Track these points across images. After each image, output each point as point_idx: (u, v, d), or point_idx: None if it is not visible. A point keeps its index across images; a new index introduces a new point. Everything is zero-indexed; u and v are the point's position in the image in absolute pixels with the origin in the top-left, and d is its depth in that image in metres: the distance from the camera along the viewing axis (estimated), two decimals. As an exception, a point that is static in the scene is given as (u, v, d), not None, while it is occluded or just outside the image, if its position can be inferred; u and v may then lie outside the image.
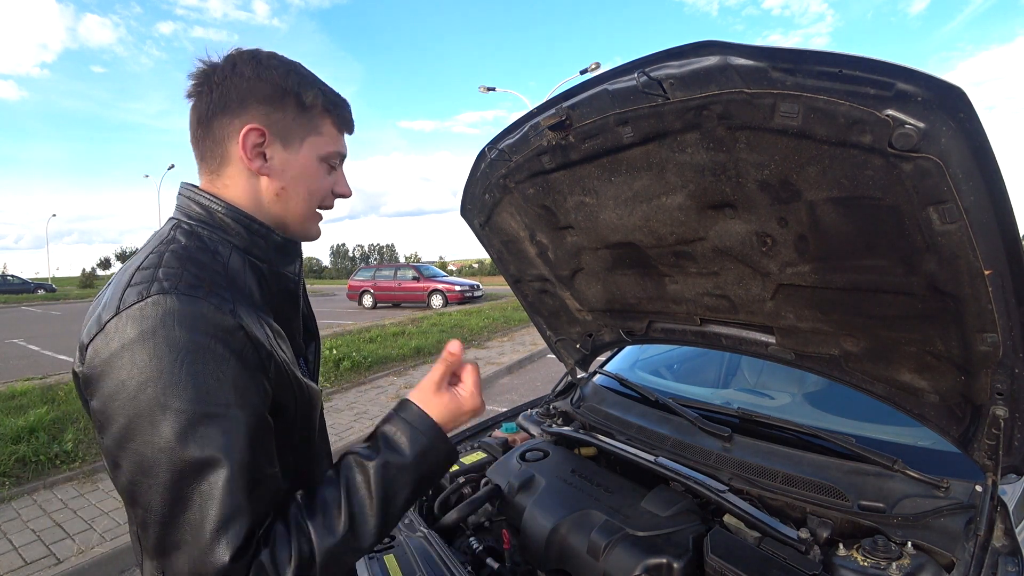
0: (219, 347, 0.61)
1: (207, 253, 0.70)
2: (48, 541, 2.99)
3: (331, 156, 0.80)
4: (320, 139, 0.78)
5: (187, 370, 0.58)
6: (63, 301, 25.81)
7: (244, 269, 0.73)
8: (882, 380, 1.14)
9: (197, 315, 0.61)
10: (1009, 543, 1.00)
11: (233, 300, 0.66)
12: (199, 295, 0.62)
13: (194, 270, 0.66)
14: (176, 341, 0.59)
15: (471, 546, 1.42)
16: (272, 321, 0.73)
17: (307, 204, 0.80)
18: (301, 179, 0.78)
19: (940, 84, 0.68)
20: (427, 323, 10.97)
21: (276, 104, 0.74)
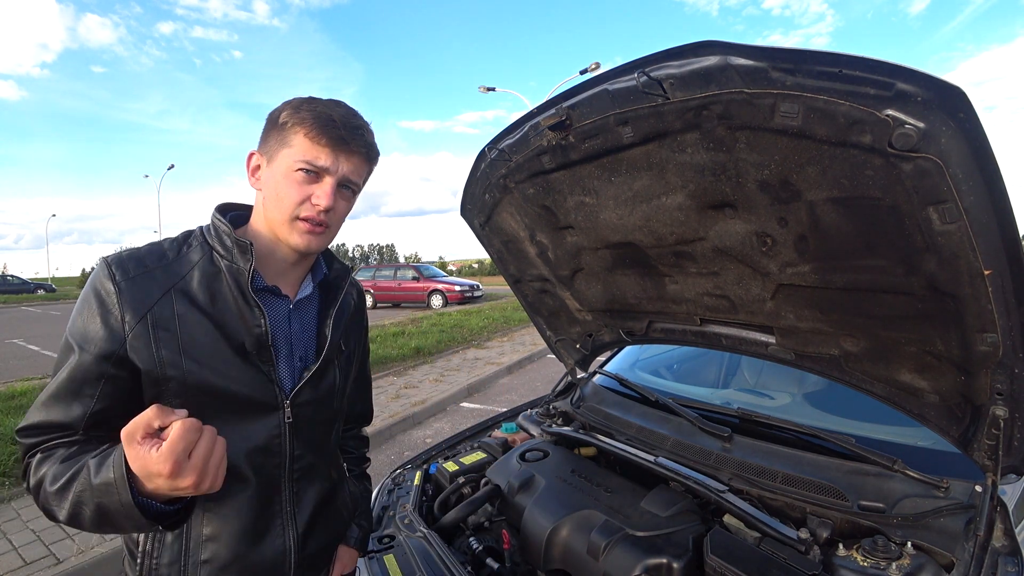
0: (94, 300, 0.80)
1: (176, 244, 0.89)
2: (48, 541, 2.99)
3: (299, 164, 0.85)
4: (289, 151, 0.85)
5: (76, 308, 0.83)
6: (63, 301, 25.80)
7: (199, 261, 0.87)
8: (882, 380, 1.14)
9: (97, 275, 0.82)
10: (1009, 543, 1.00)
11: (137, 274, 0.82)
12: (107, 264, 0.82)
13: (141, 251, 0.86)
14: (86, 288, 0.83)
15: (471, 546, 1.42)
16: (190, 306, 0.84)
17: (279, 209, 0.87)
18: (274, 188, 0.87)
19: (940, 84, 0.68)
20: (427, 323, 10.97)
21: (268, 131, 0.88)
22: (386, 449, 4.56)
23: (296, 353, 0.94)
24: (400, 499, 1.64)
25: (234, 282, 0.87)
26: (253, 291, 0.87)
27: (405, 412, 5.24)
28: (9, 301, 24.89)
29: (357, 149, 0.88)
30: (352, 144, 0.87)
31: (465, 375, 6.82)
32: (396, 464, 1.92)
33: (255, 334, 0.87)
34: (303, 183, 0.86)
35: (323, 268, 1.02)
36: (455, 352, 8.53)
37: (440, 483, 1.74)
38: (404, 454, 4.40)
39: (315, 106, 0.86)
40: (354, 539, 1.13)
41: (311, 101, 0.87)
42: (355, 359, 1.11)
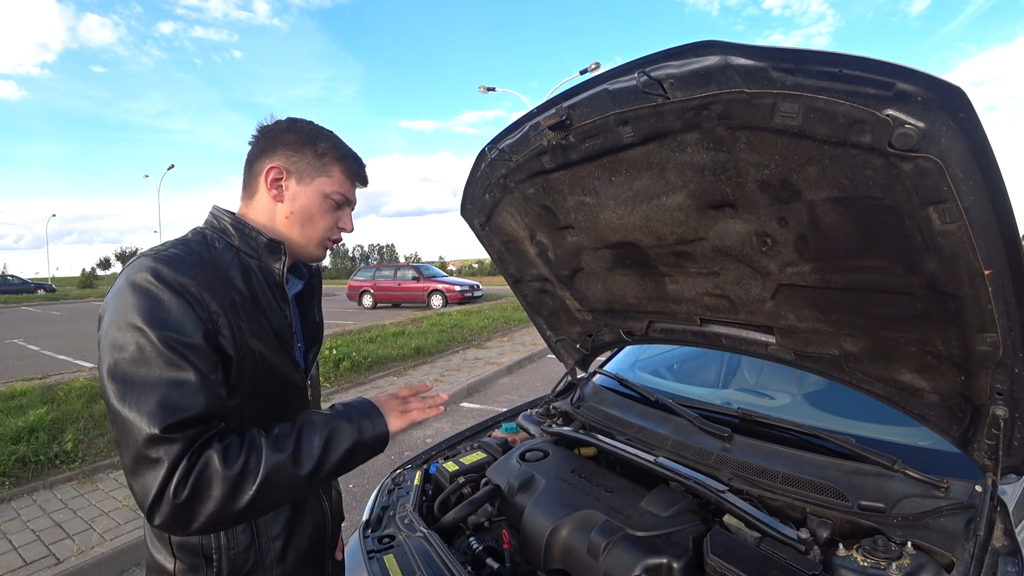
0: (173, 295, 0.80)
1: (202, 244, 0.91)
2: (48, 541, 2.99)
3: (334, 195, 0.99)
4: (328, 180, 0.98)
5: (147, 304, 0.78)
6: (63, 301, 25.81)
7: (232, 261, 0.92)
8: (882, 380, 1.14)
9: (163, 270, 0.81)
10: (1009, 543, 1.00)
11: (199, 270, 0.84)
12: (169, 262, 0.83)
13: (177, 250, 0.86)
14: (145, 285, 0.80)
15: (471, 546, 1.42)
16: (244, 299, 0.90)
17: (311, 230, 0.99)
18: (306, 208, 0.98)
19: (940, 84, 0.68)
20: (427, 323, 10.97)
21: (296, 149, 0.97)
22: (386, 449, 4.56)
23: (296, 338, 1.06)
24: (400, 499, 1.64)
25: (263, 278, 0.95)
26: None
27: (405, 412, 5.23)
28: (9, 301, 24.89)
29: (366, 186, 1.07)
30: (366, 183, 1.07)
31: (465, 375, 6.82)
32: (396, 464, 1.92)
33: (283, 324, 0.97)
34: (333, 210, 1.00)
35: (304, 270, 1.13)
36: (455, 352, 8.53)
37: (440, 483, 1.74)
38: (404, 454, 4.40)
39: (346, 147, 1.02)
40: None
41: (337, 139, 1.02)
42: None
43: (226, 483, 0.75)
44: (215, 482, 0.75)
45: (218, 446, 0.77)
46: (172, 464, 0.73)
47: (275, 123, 1.00)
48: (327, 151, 0.98)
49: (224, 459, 0.76)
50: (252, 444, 0.80)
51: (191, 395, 0.77)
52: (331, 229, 1.02)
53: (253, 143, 1.00)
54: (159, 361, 0.76)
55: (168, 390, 0.76)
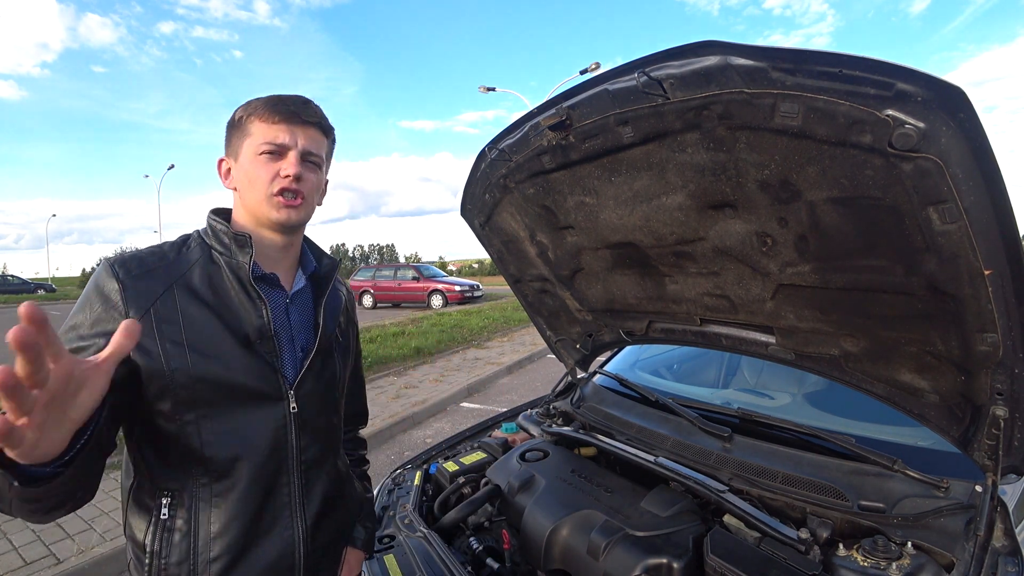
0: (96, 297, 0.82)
1: (176, 246, 0.93)
2: (48, 541, 2.99)
3: (262, 147, 0.91)
4: (250, 139, 0.92)
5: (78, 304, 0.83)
6: (63, 301, 25.78)
7: (199, 258, 0.91)
8: (882, 380, 1.14)
9: (100, 274, 0.84)
10: (1009, 543, 1.00)
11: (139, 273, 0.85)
12: (108, 263, 0.85)
13: (143, 252, 0.89)
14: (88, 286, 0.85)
15: (471, 546, 1.42)
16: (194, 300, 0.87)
17: (254, 192, 0.92)
18: (245, 176, 0.93)
19: (940, 84, 0.68)
20: (427, 323, 10.96)
21: (229, 134, 0.95)
22: (386, 449, 4.56)
23: (297, 344, 0.96)
24: (400, 499, 1.64)
25: (234, 276, 0.91)
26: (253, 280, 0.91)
27: (405, 412, 5.24)
28: (9, 301, 24.87)
29: (310, 120, 0.94)
30: (304, 115, 0.93)
31: (465, 375, 6.82)
32: (396, 464, 1.92)
33: (257, 325, 0.90)
34: (269, 162, 0.91)
35: (312, 261, 1.05)
36: (455, 352, 8.53)
37: (440, 483, 1.74)
38: (404, 454, 4.40)
39: (263, 98, 0.94)
40: (360, 541, 1.13)
41: (259, 98, 0.95)
42: (351, 353, 1.13)
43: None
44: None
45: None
46: None
47: None
48: (241, 114, 0.93)
49: None
50: None
51: None
52: (271, 181, 0.92)
53: None
54: None
55: None
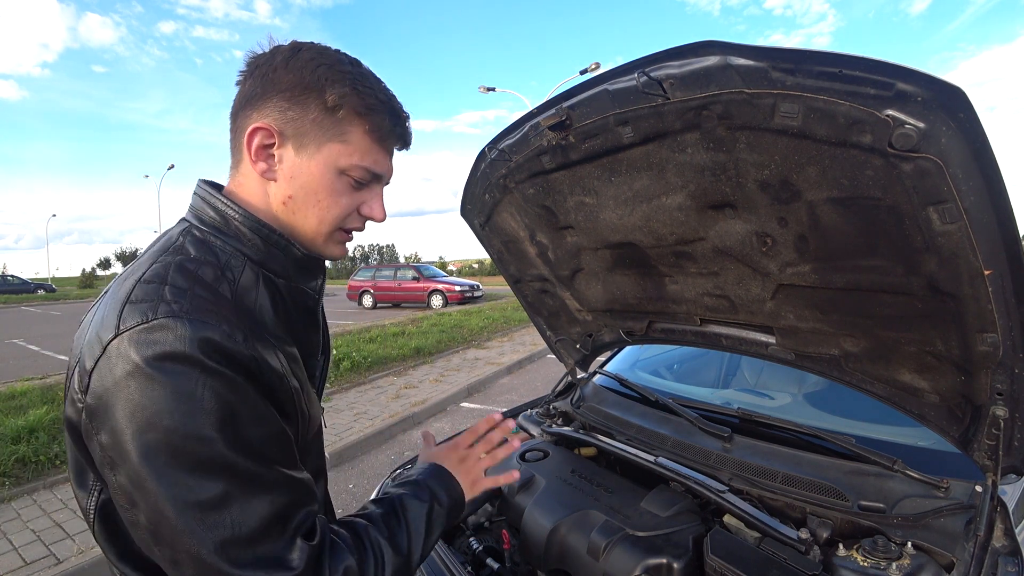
0: (237, 376, 0.58)
1: (216, 270, 0.65)
2: (48, 541, 2.99)
3: (354, 169, 0.69)
4: (342, 147, 0.67)
5: (207, 399, 0.55)
6: (63, 301, 25.80)
7: (257, 286, 0.68)
8: (882, 380, 1.14)
9: (211, 343, 0.56)
10: (1009, 543, 1.00)
11: (242, 326, 0.61)
12: (211, 320, 0.58)
13: (200, 292, 0.61)
14: (191, 370, 0.55)
15: (471, 546, 1.42)
16: (286, 345, 0.68)
17: (318, 220, 0.71)
18: (311, 190, 0.69)
19: (940, 84, 0.68)
20: (427, 323, 10.96)
21: (296, 100, 0.66)
22: (386, 449, 4.56)
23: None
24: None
25: (294, 304, 0.73)
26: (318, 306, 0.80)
27: (405, 412, 5.24)
28: (9, 301, 24.89)
29: (409, 147, 0.76)
30: (408, 144, 0.75)
31: (465, 375, 6.82)
32: (396, 464, 1.92)
33: (312, 353, 0.79)
34: (353, 190, 0.71)
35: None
36: (455, 352, 8.53)
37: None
38: (404, 454, 4.40)
39: (372, 88, 0.68)
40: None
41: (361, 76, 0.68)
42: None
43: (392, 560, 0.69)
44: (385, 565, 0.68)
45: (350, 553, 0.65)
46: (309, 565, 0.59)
47: (272, 55, 0.67)
48: (342, 101, 0.65)
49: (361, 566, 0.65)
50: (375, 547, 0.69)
51: (291, 497, 0.61)
52: (348, 217, 0.72)
53: (242, 83, 0.69)
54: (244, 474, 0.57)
55: (261, 501, 0.57)
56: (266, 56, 0.68)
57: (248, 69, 0.68)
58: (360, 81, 0.67)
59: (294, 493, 0.61)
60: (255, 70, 0.67)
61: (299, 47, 0.67)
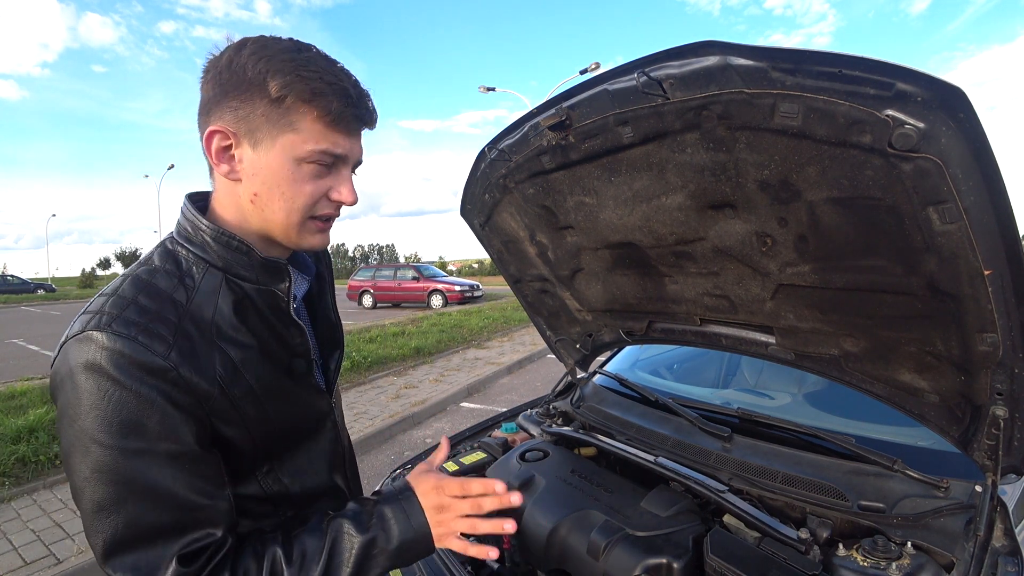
0: (143, 388, 0.62)
1: (174, 279, 0.70)
2: (48, 541, 2.99)
3: (311, 155, 0.69)
4: (295, 136, 0.67)
5: (112, 408, 0.61)
6: (63, 301, 25.80)
7: (219, 291, 0.71)
8: (882, 380, 1.14)
9: (124, 353, 0.61)
10: (1009, 543, 1.00)
11: (175, 336, 0.65)
12: (131, 333, 0.62)
13: (143, 302, 0.66)
14: (103, 379, 0.61)
15: (471, 546, 1.42)
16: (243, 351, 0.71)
17: (286, 212, 0.71)
18: (273, 183, 0.69)
19: (940, 84, 0.68)
20: (427, 323, 10.97)
21: (243, 98, 0.66)
22: (386, 449, 4.56)
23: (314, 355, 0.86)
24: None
25: (266, 305, 0.75)
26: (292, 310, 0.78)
27: (405, 412, 5.24)
28: (9, 301, 24.89)
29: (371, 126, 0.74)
30: (370, 123, 0.73)
31: (465, 375, 6.82)
32: (396, 464, 1.92)
33: (299, 353, 0.80)
34: (317, 177, 0.71)
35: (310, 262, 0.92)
36: (455, 352, 8.53)
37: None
38: (404, 454, 4.40)
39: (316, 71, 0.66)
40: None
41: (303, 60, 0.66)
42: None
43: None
44: None
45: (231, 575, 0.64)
46: None
47: (220, 56, 0.67)
48: (285, 90, 0.65)
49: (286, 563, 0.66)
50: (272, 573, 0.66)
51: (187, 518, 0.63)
52: (317, 204, 0.72)
53: (201, 87, 0.69)
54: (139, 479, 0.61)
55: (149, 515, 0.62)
56: (215, 58, 0.68)
57: (203, 74, 0.69)
58: (303, 67, 0.66)
59: (191, 516, 0.64)
60: (208, 74, 0.68)
61: (243, 43, 0.67)
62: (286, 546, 0.69)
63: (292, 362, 0.79)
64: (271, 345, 0.75)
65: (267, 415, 0.73)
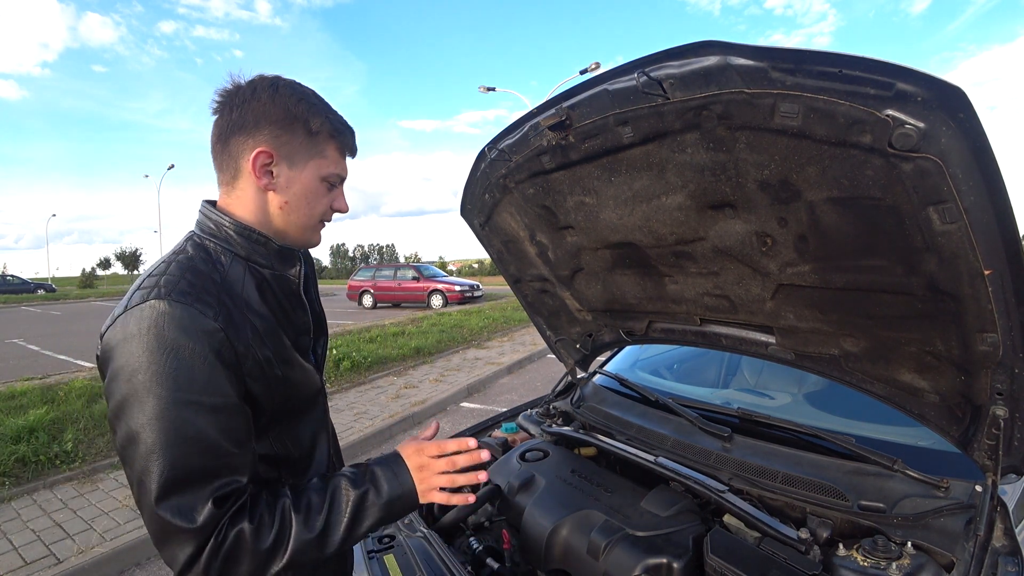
0: (197, 346, 0.74)
1: (209, 263, 0.84)
2: (48, 541, 2.99)
3: (331, 176, 0.91)
4: (323, 161, 0.89)
5: (169, 363, 0.72)
6: (63, 301, 25.81)
7: (244, 276, 0.86)
8: (882, 380, 1.14)
9: (183, 318, 0.74)
10: (1009, 543, 1.00)
11: (219, 305, 0.78)
12: (187, 301, 0.75)
13: (191, 278, 0.79)
14: (164, 338, 0.72)
15: (471, 546, 1.42)
16: (265, 322, 0.86)
17: (307, 217, 0.91)
18: (303, 195, 0.89)
19: (940, 84, 0.68)
20: (427, 323, 10.97)
21: (286, 128, 0.85)
22: (386, 449, 4.56)
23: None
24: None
25: (280, 288, 0.91)
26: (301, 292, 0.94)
27: (405, 412, 5.24)
28: (9, 301, 24.90)
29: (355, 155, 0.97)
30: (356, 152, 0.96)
31: (465, 375, 6.82)
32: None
33: (304, 331, 0.96)
34: (329, 191, 0.92)
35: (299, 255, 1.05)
36: (455, 352, 8.53)
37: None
38: (404, 454, 4.40)
39: (336, 115, 0.91)
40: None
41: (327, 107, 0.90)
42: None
43: (256, 558, 0.75)
44: (245, 557, 0.74)
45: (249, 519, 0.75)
46: (202, 540, 0.71)
47: (252, 90, 0.84)
48: (321, 128, 0.87)
49: (256, 534, 0.74)
50: (283, 519, 0.77)
51: (221, 464, 0.74)
52: (326, 211, 0.94)
53: (222, 112, 0.85)
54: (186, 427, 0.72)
55: (194, 459, 0.72)
56: (245, 91, 0.85)
57: (225, 102, 0.85)
58: (328, 111, 0.89)
59: (224, 462, 0.75)
60: (238, 103, 0.84)
61: (276, 83, 0.86)
62: (295, 498, 0.80)
63: (298, 339, 0.94)
64: (283, 322, 0.90)
65: (282, 379, 0.87)
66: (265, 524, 0.76)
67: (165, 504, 0.71)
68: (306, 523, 0.78)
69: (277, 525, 0.76)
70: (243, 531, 0.74)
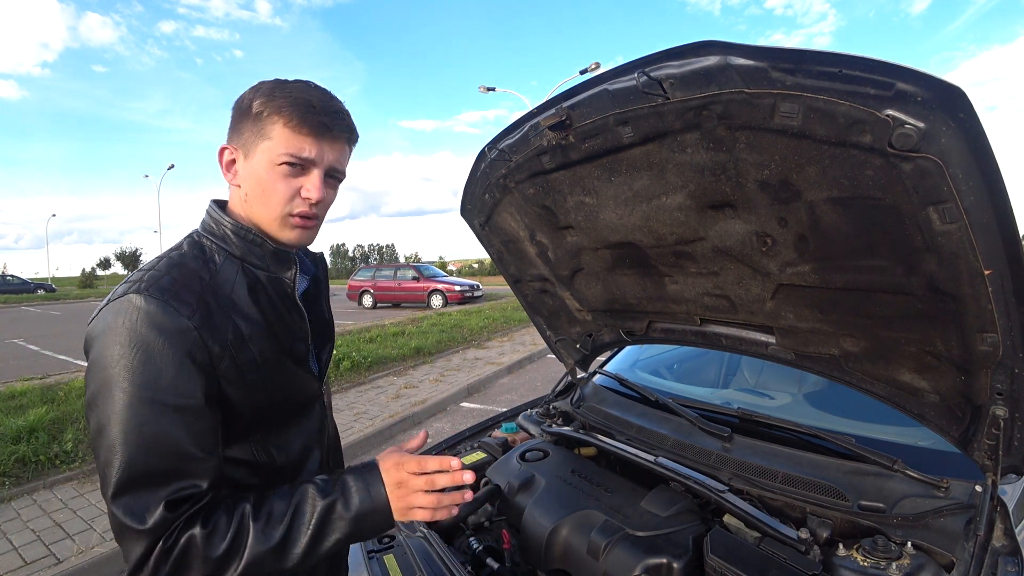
0: (168, 344, 0.73)
1: (200, 261, 0.83)
2: (48, 541, 2.99)
3: (281, 158, 0.81)
4: (269, 143, 0.81)
5: (138, 359, 0.72)
6: (63, 301, 25.81)
7: (236, 276, 0.84)
8: (882, 380, 1.14)
9: (156, 314, 0.73)
10: (1009, 543, 1.00)
11: (198, 304, 0.77)
12: (164, 298, 0.74)
13: (175, 275, 0.78)
14: (136, 333, 0.72)
15: (471, 546, 1.42)
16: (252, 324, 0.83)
17: (267, 208, 0.85)
18: (256, 184, 0.84)
19: (940, 84, 0.68)
20: (427, 323, 10.97)
21: (238, 119, 0.84)
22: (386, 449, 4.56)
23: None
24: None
25: (275, 291, 0.88)
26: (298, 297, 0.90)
27: (405, 412, 5.24)
28: (9, 301, 24.89)
29: (340, 135, 0.85)
30: (335, 130, 0.83)
31: (465, 375, 6.82)
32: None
33: (300, 337, 0.91)
34: (289, 177, 0.83)
35: (309, 263, 1.03)
36: (455, 352, 8.53)
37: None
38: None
39: (290, 91, 0.81)
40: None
41: (283, 85, 0.83)
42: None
43: (207, 565, 0.72)
44: (195, 563, 0.71)
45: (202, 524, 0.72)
46: (151, 542, 0.70)
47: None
48: (262, 108, 0.80)
49: (207, 541, 0.71)
50: (240, 528, 0.73)
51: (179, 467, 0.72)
52: (290, 201, 0.84)
53: None
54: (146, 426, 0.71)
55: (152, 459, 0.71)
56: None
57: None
58: (279, 88, 0.82)
59: (183, 465, 0.73)
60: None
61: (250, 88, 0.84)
62: (256, 506, 0.76)
63: (293, 345, 0.90)
64: (276, 326, 0.87)
65: (266, 384, 0.84)
66: (219, 531, 0.72)
67: (119, 501, 0.70)
68: (264, 532, 0.74)
69: (232, 533, 0.73)
70: (194, 537, 0.71)
